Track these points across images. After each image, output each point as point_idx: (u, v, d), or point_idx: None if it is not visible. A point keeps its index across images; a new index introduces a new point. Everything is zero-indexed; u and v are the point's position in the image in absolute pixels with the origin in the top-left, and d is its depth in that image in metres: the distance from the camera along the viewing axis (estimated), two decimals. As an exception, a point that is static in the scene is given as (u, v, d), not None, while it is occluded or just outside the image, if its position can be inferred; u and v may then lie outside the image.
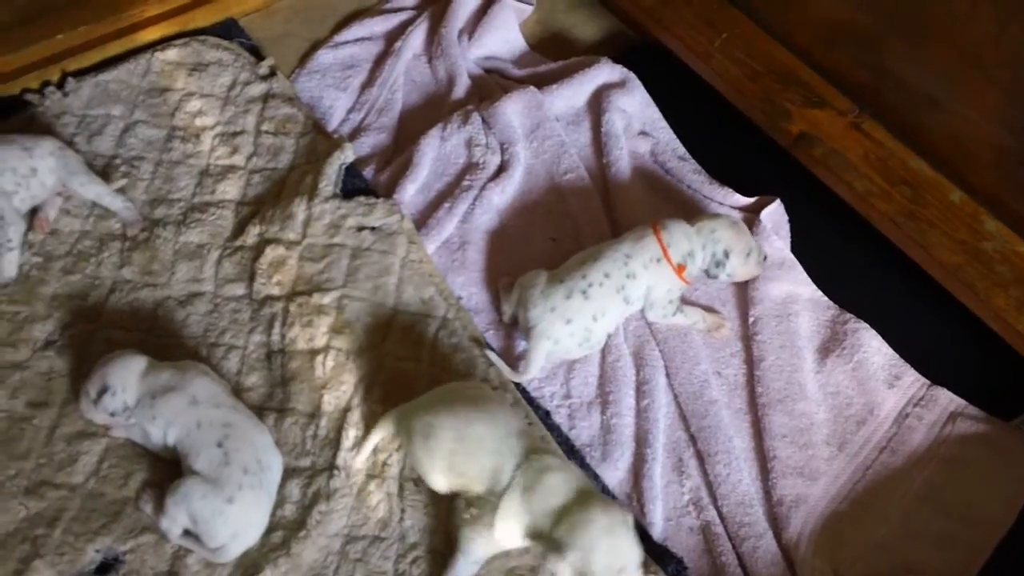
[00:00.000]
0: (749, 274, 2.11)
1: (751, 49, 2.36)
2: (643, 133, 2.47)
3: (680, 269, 2.05)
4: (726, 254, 2.05)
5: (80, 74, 2.55)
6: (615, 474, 1.94)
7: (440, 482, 1.81)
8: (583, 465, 1.94)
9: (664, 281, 2.06)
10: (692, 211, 2.30)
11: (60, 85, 2.53)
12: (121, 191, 2.33)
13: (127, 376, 1.90)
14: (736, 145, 2.43)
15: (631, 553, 1.63)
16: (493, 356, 2.07)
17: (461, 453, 1.75)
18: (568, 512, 1.64)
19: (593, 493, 1.69)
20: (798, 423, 1.97)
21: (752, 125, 2.38)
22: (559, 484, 1.68)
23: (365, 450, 1.93)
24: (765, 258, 2.12)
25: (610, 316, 2.05)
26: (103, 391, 1.89)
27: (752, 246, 2.09)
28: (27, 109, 2.48)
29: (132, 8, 2.55)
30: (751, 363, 2.07)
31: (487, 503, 1.72)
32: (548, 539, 1.64)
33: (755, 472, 1.94)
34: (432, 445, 1.77)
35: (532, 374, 2.03)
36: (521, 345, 2.11)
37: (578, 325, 2.01)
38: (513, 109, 2.46)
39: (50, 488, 1.91)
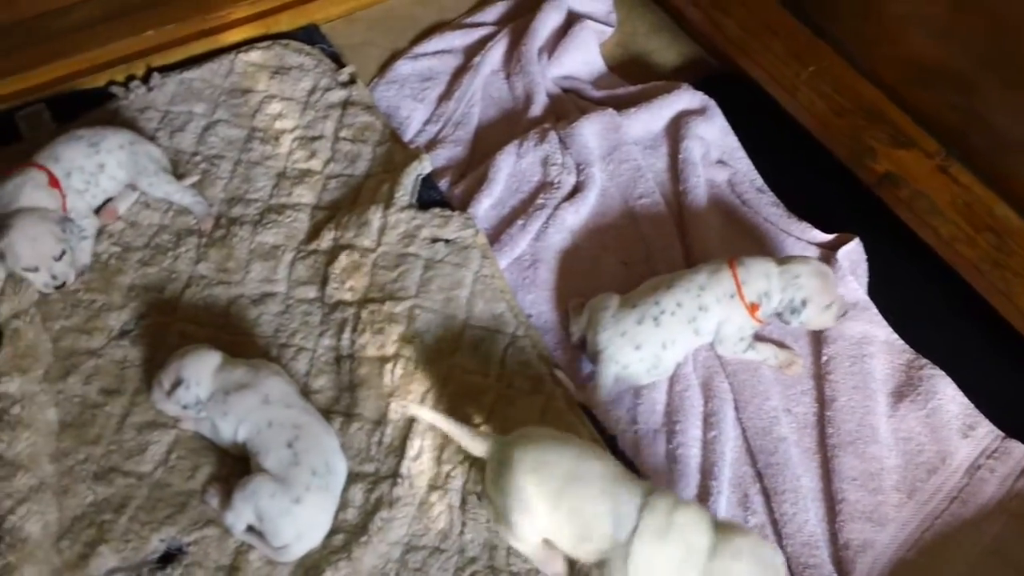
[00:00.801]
0: (823, 325, 2.07)
1: (838, 84, 2.34)
2: (721, 162, 2.46)
3: (753, 308, 2.02)
4: (804, 303, 1.99)
5: (165, 71, 2.60)
6: (679, 504, 1.92)
7: (534, 527, 1.71)
8: (648, 494, 1.93)
9: (736, 318, 2.03)
10: (768, 244, 2.28)
11: (145, 80, 2.58)
12: (195, 187, 2.36)
13: (202, 370, 1.92)
14: (816, 180, 2.41)
15: None
16: (562, 376, 2.06)
17: (571, 493, 1.66)
18: (718, 553, 1.57)
19: (733, 526, 1.63)
20: (868, 467, 1.94)
21: (834, 161, 2.36)
22: (696, 521, 1.61)
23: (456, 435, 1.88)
24: (845, 312, 2.07)
25: (680, 345, 2.04)
26: (177, 383, 1.91)
27: (834, 299, 2.02)
28: (112, 102, 2.53)
29: (220, 9, 2.60)
30: (822, 402, 2.04)
31: (610, 558, 1.62)
32: None
33: (822, 513, 1.91)
34: (539, 480, 1.68)
35: (601, 397, 2.02)
36: (587, 367, 2.10)
37: (647, 352, 2.00)
38: (591, 130, 2.46)
39: (118, 475, 1.94)
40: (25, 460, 1.87)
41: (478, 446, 1.84)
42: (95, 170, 2.22)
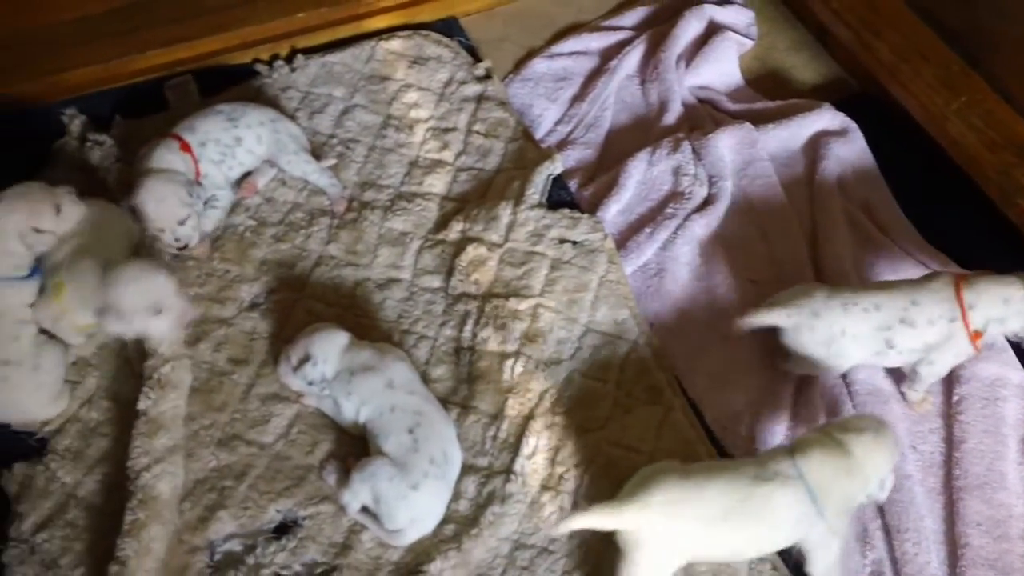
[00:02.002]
0: None
1: (990, 118, 2.26)
2: (859, 185, 2.40)
3: (976, 336, 1.88)
4: None
5: (308, 52, 2.66)
6: (794, 530, 1.89)
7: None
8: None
9: (955, 345, 1.88)
10: (902, 273, 2.21)
11: (289, 60, 2.64)
12: (331, 169, 2.40)
13: (330, 349, 1.96)
14: (958, 212, 2.33)
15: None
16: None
17: (739, 515, 1.66)
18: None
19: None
20: (995, 513, 1.88)
21: (979, 195, 2.28)
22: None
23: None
24: None
25: (862, 345, 1.92)
26: (305, 360, 1.95)
27: None
28: (256, 79, 2.60)
29: (370, -5, 2.65)
30: (950, 443, 1.98)
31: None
32: None
33: (943, 556, 1.86)
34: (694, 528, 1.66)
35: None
36: None
37: (823, 324, 1.91)
38: (726, 143, 2.43)
39: (241, 443, 2.00)
40: (167, 420, 1.94)
41: (623, 521, 1.69)
42: (232, 143, 2.28)
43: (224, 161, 2.28)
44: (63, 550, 1.86)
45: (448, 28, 2.77)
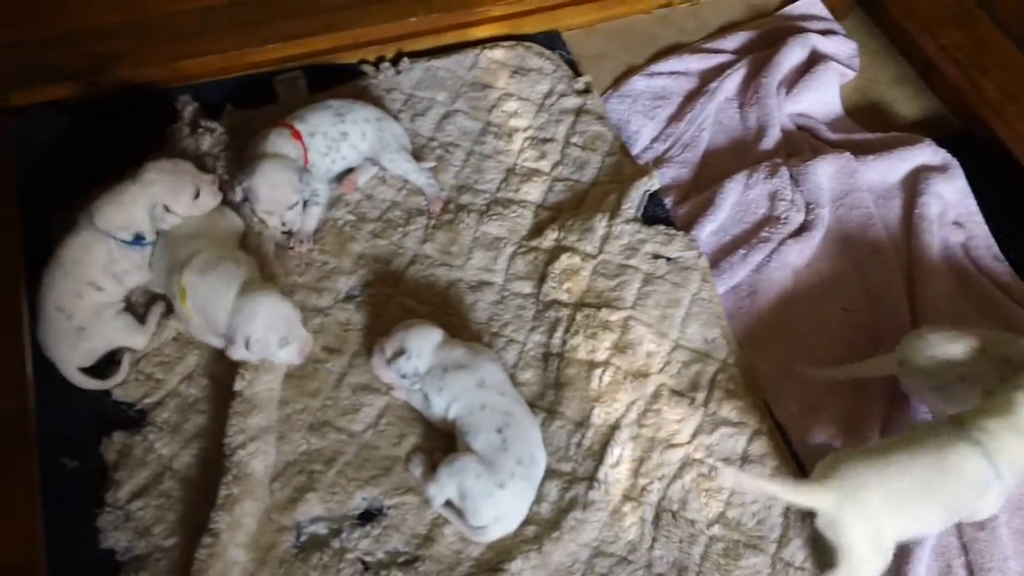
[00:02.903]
0: None
1: (1095, 162, 2.24)
2: (957, 224, 2.39)
3: None
4: None
5: (414, 56, 2.72)
6: (876, 562, 1.88)
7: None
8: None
9: None
10: (999, 315, 2.19)
11: (395, 63, 2.70)
12: (430, 171, 2.45)
13: (424, 344, 2.00)
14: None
15: None
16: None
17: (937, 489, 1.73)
18: None
19: None
20: (1083, 560, 1.85)
21: (1084, 239, 2.26)
22: None
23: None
24: None
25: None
26: (399, 353, 2.00)
27: None
28: (362, 79, 2.66)
29: (480, 5, 2.70)
30: (1040, 486, 1.95)
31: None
32: None
33: (1027, 597, 1.83)
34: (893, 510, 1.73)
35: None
36: None
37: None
38: (825, 171, 2.43)
39: (331, 430, 2.04)
40: (261, 401, 1.99)
41: (812, 499, 1.77)
42: (338, 137, 2.34)
43: (329, 154, 2.34)
44: (156, 519, 1.92)
45: (550, 41, 2.81)
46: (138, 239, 2.08)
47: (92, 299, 2.04)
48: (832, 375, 2.08)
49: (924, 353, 1.91)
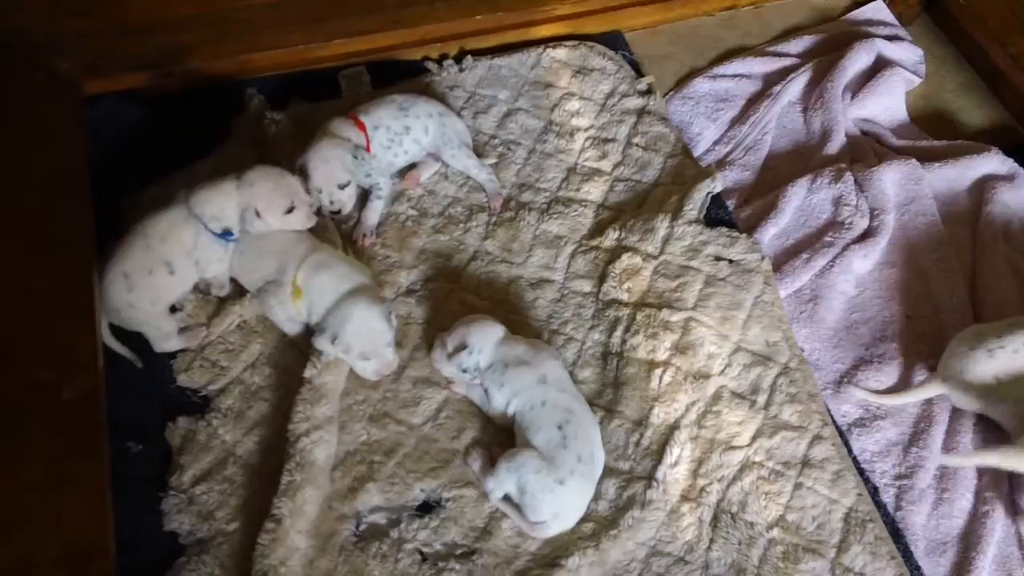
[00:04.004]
0: None
1: None
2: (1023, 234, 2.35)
3: None
4: None
5: (477, 54, 2.73)
6: (936, 570, 1.87)
7: None
8: (905, 552, 1.88)
9: None
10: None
11: (458, 60, 2.72)
12: (491, 168, 2.47)
13: (486, 340, 2.01)
14: None
15: None
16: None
17: None
18: None
19: None
20: None
21: None
22: None
23: None
24: None
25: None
26: (461, 348, 2.01)
27: None
28: (425, 76, 2.68)
29: (544, 4, 2.71)
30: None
31: None
32: None
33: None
34: None
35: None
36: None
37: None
38: (890, 177, 2.41)
39: (391, 422, 2.06)
40: (328, 391, 2.02)
41: None
42: (400, 131, 2.37)
43: (391, 148, 2.37)
44: (219, 504, 1.95)
45: (613, 41, 2.82)
46: (226, 233, 2.11)
47: (159, 280, 2.07)
48: (883, 401, 2.07)
49: (964, 370, 1.95)
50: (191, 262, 2.09)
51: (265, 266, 2.12)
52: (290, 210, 2.10)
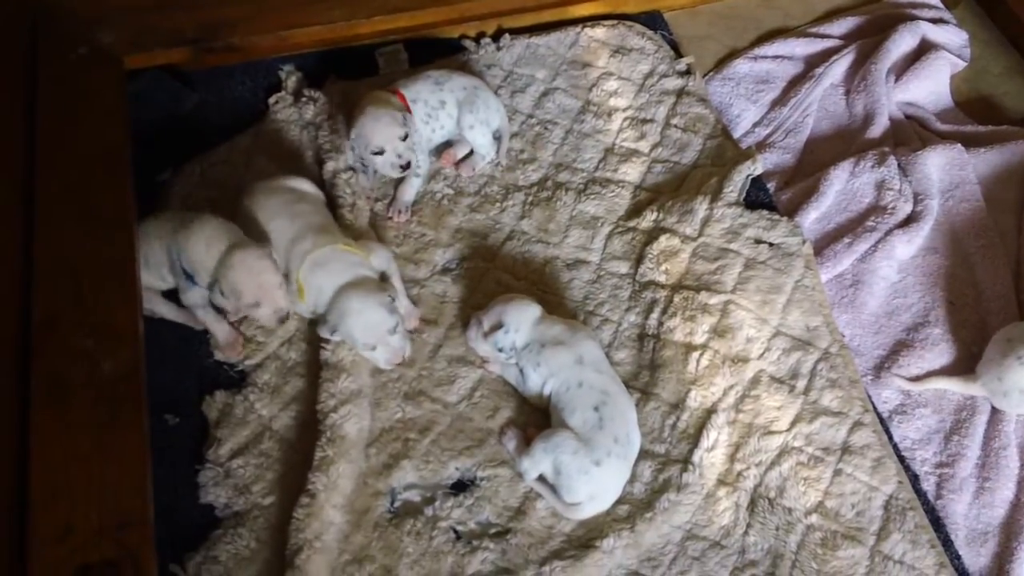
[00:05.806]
0: None
1: None
2: (1071, 220, 2.31)
3: None
4: None
5: (514, 33, 2.71)
6: (977, 559, 1.85)
7: None
8: (946, 542, 1.86)
9: None
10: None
11: (495, 39, 2.70)
12: (499, 142, 2.44)
13: (522, 319, 2.01)
14: None
15: None
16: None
17: None
18: None
19: None
20: None
21: None
22: None
23: None
24: None
25: None
26: (497, 327, 2.00)
27: None
28: (462, 54, 2.67)
29: (581, -18, 2.68)
30: None
31: None
32: None
33: None
34: None
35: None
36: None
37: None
38: (935, 162, 2.37)
39: (426, 400, 2.06)
40: (347, 366, 2.02)
41: None
42: (437, 105, 2.36)
43: (429, 123, 2.36)
44: (256, 477, 1.96)
45: (652, 21, 2.78)
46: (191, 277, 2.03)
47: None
48: (915, 387, 2.05)
49: (999, 378, 1.95)
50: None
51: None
52: (255, 304, 1.97)
